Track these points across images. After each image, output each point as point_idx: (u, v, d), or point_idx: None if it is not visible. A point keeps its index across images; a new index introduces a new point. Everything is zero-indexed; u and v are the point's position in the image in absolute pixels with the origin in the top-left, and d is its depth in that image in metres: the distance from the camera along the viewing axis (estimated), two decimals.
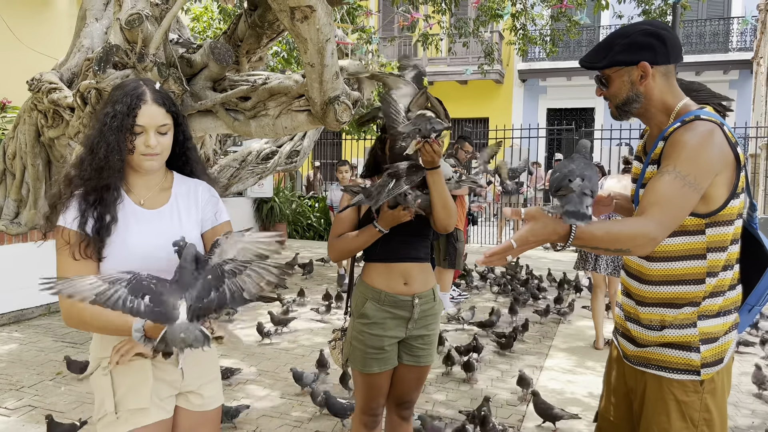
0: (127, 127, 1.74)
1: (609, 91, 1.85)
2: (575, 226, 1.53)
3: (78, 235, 1.72)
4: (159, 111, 1.78)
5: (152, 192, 1.87)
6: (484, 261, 1.57)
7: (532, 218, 1.55)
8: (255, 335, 5.51)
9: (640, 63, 1.77)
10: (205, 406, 1.94)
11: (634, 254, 1.67)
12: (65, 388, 4.15)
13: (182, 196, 1.91)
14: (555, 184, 1.62)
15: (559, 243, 1.57)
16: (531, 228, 1.54)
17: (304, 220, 12.68)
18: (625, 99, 1.83)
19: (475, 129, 15.42)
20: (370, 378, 2.53)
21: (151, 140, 1.77)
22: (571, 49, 18.26)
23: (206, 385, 1.94)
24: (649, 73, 1.77)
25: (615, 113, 1.89)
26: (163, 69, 3.49)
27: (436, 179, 2.39)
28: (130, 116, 1.74)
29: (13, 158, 5.76)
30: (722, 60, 17.35)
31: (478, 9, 8.71)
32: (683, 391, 1.76)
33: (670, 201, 1.61)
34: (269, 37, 4.41)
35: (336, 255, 2.58)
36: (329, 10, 3.03)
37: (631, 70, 1.79)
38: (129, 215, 1.80)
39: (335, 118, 3.32)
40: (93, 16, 5.17)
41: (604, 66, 1.82)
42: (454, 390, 4.30)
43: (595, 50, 1.85)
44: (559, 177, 1.63)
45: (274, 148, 7.69)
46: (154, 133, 1.78)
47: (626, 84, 1.81)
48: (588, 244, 1.58)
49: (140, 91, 1.77)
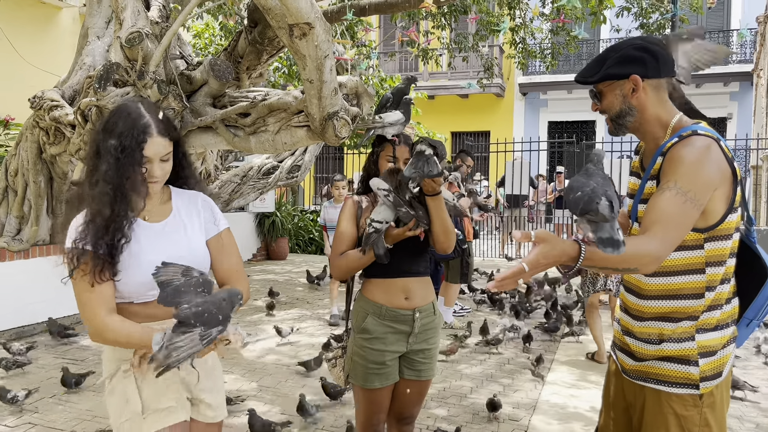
0: (138, 161, 1.78)
1: (602, 105, 1.87)
2: (584, 247, 1.52)
3: (93, 261, 1.75)
4: (163, 142, 1.82)
5: (154, 206, 1.92)
6: (495, 285, 1.52)
7: (543, 240, 1.51)
8: (257, 350, 5.50)
9: (631, 76, 1.77)
10: (216, 418, 2.02)
11: (641, 273, 1.66)
12: (66, 405, 4.13)
13: (183, 206, 1.96)
14: (581, 205, 1.56)
15: (570, 264, 1.54)
16: (541, 250, 1.51)
17: (306, 234, 12.70)
18: (619, 112, 1.83)
19: (476, 142, 15.50)
20: (371, 393, 2.52)
21: (156, 171, 1.82)
22: (571, 62, 18.36)
23: (217, 395, 2.02)
24: (640, 86, 1.78)
25: (611, 127, 1.90)
26: (163, 86, 3.51)
27: (437, 204, 2.42)
28: (140, 150, 1.78)
29: (15, 175, 5.80)
30: (722, 72, 17.40)
31: (477, 24, 8.78)
32: (682, 405, 1.75)
33: (673, 218, 1.61)
34: (269, 53, 4.45)
35: (339, 273, 2.59)
36: (328, 27, 3.05)
37: (622, 84, 1.80)
38: (137, 231, 1.85)
39: (334, 133, 3.34)
40: (95, 34, 5.23)
41: (597, 80, 1.84)
42: (455, 405, 4.28)
43: (589, 66, 1.87)
44: (583, 198, 1.57)
45: (275, 163, 7.72)
46: (158, 162, 1.83)
47: (618, 97, 1.82)
48: (597, 265, 1.56)
49: (145, 123, 1.79)
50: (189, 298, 1.66)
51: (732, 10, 17.84)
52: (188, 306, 1.64)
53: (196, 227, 1.94)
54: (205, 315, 1.62)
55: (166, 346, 1.57)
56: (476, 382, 4.74)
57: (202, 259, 1.92)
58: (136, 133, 1.77)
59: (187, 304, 1.64)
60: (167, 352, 1.57)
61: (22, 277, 5.80)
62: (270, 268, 10.52)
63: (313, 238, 12.65)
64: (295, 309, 7.35)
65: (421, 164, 2.27)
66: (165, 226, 1.90)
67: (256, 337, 5.98)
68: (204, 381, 1.96)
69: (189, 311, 1.62)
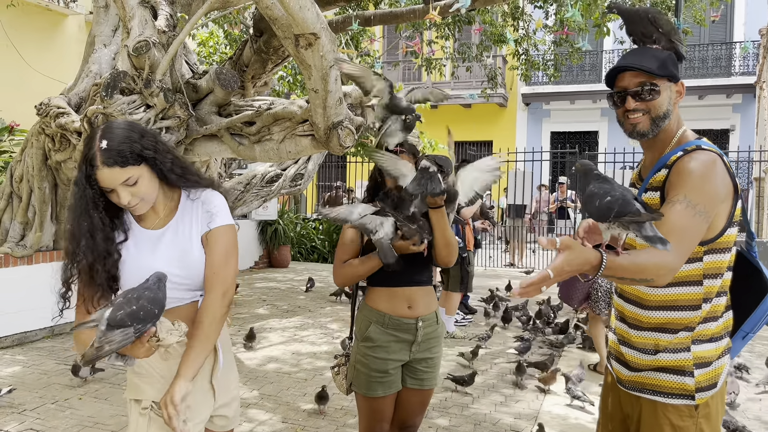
0: (96, 196, 1.76)
1: (654, 102, 1.78)
2: (606, 256, 1.51)
3: (91, 292, 1.79)
4: (112, 171, 1.73)
5: (161, 215, 1.93)
6: (520, 292, 1.50)
7: (567, 248, 1.50)
8: (258, 358, 5.50)
9: (680, 81, 1.79)
10: (226, 427, 2.02)
11: (656, 285, 1.65)
12: (68, 411, 4.14)
13: (186, 212, 1.94)
14: (616, 209, 1.54)
15: (590, 273, 1.53)
16: (566, 258, 1.49)
17: (308, 242, 12.71)
18: (665, 112, 1.79)
19: (479, 152, 15.52)
20: (374, 402, 2.53)
21: (123, 198, 1.77)
22: (574, 73, 18.42)
23: (230, 407, 2.02)
24: (683, 92, 1.80)
25: (646, 126, 1.81)
26: (169, 94, 3.54)
27: (439, 218, 2.44)
28: (90, 184, 1.75)
29: (20, 181, 5.83)
30: (725, 84, 17.43)
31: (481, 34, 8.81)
32: (678, 415, 1.77)
33: (685, 230, 1.62)
34: (274, 62, 4.49)
35: (342, 281, 2.61)
36: (333, 38, 3.08)
37: (671, 86, 1.80)
38: (138, 237, 1.87)
39: (338, 142, 3.36)
40: (102, 42, 5.26)
41: (662, 74, 1.77)
42: (457, 415, 4.27)
43: (642, 56, 1.80)
44: (617, 201, 1.55)
45: (278, 171, 7.73)
46: (123, 188, 1.76)
47: (667, 98, 1.79)
48: (615, 275, 1.55)
49: (91, 155, 1.74)
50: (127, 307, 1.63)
51: (735, 23, 17.90)
52: (121, 311, 1.60)
53: (194, 231, 1.92)
54: (140, 313, 1.60)
55: (99, 339, 1.57)
56: (478, 392, 4.73)
57: (197, 263, 1.88)
58: (84, 166, 1.75)
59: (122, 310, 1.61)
60: (99, 344, 1.56)
61: (25, 283, 5.82)
62: (272, 276, 10.52)
63: (315, 246, 12.66)
64: (296, 317, 7.35)
65: (425, 181, 2.31)
66: (164, 232, 1.89)
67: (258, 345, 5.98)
68: (221, 396, 1.96)
69: (122, 314, 1.59)
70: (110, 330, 1.57)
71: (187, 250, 1.87)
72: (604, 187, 1.61)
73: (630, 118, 1.82)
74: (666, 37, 1.90)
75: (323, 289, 9.32)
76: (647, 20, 1.91)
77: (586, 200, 1.62)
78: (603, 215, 1.56)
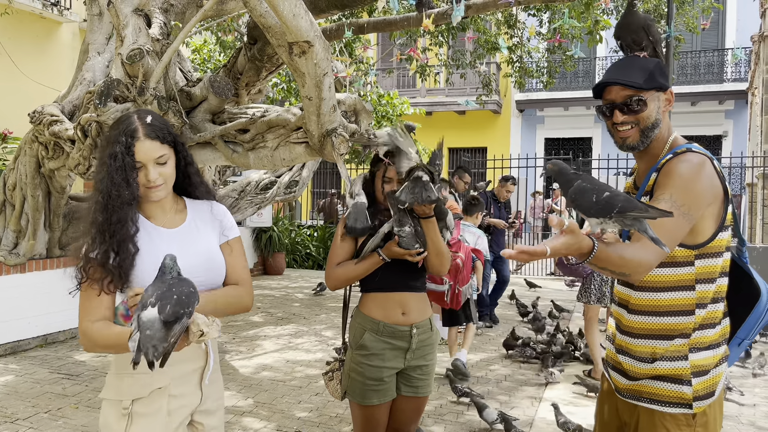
0: (129, 165, 1.79)
1: (641, 114, 1.79)
2: (597, 245, 1.52)
3: (101, 271, 1.77)
4: (153, 145, 1.82)
5: (169, 215, 1.95)
6: (512, 255, 1.50)
7: (571, 232, 1.51)
8: (252, 366, 5.48)
9: (669, 89, 1.80)
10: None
11: (632, 280, 1.67)
12: (61, 420, 4.11)
13: (198, 215, 1.99)
14: (619, 204, 1.52)
15: (579, 259, 1.55)
16: (567, 240, 1.51)
17: (303, 249, 12.70)
18: (654, 123, 1.80)
19: (473, 159, 15.54)
20: (369, 410, 2.52)
21: (151, 174, 1.82)
22: (567, 80, 18.50)
23: (214, 415, 1.99)
24: (672, 100, 1.81)
25: (636, 139, 1.82)
26: (163, 102, 3.54)
27: (431, 227, 2.45)
28: (129, 154, 1.79)
29: (13, 189, 5.80)
30: (717, 90, 17.54)
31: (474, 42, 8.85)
32: (676, 424, 1.76)
33: (667, 230, 1.62)
34: (268, 70, 4.49)
35: (335, 283, 2.59)
36: (327, 45, 3.09)
37: (659, 95, 1.81)
38: (153, 235, 1.88)
39: (332, 150, 3.36)
40: (95, 50, 5.26)
41: (648, 87, 1.79)
42: (452, 422, 4.26)
43: (629, 69, 1.81)
44: (618, 197, 1.54)
45: (273, 178, 7.73)
46: (153, 166, 1.83)
47: (655, 108, 1.81)
48: (599, 264, 1.56)
49: (133, 128, 1.81)
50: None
51: (726, 30, 18.03)
52: (168, 304, 1.57)
53: (210, 233, 1.97)
54: (183, 298, 1.59)
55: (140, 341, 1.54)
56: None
57: (219, 264, 1.94)
58: (124, 138, 1.79)
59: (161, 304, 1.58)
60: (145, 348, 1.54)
61: (18, 291, 5.78)
62: (266, 284, 10.50)
63: (310, 253, 12.65)
64: (291, 324, 7.34)
65: (418, 190, 2.31)
66: (180, 231, 1.92)
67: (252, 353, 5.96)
68: (206, 402, 1.94)
69: (170, 307, 1.56)
70: (169, 327, 1.56)
71: (212, 252, 1.93)
72: (594, 181, 1.60)
73: (619, 131, 1.83)
74: (652, 46, 1.93)
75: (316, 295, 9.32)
76: (641, 28, 1.94)
77: (576, 196, 1.60)
78: (604, 210, 1.54)
